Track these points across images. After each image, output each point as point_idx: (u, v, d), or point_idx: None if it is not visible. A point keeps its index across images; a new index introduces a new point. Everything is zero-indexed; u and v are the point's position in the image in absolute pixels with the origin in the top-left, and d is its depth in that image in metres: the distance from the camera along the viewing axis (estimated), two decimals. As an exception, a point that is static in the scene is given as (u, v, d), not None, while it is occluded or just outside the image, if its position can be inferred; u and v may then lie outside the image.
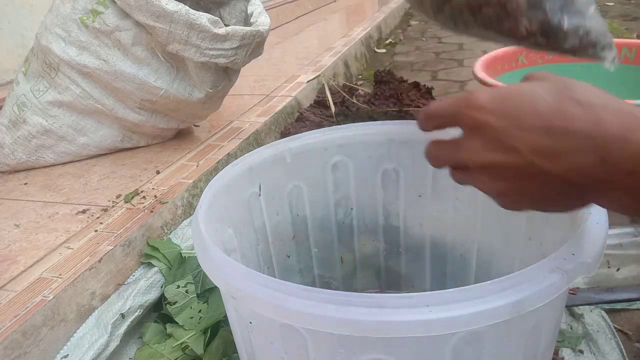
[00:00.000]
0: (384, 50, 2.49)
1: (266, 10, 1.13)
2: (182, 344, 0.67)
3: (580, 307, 0.71)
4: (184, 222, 0.88)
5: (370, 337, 0.35)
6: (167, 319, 0.71)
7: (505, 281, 0.34)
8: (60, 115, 1.03)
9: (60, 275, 0.68)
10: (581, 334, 0.68)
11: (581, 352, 0.65)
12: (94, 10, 0.94)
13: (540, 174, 0.31)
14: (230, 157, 1.06)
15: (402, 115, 1.39)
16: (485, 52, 1.18)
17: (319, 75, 1.63)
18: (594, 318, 0.70)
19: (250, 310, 0.41)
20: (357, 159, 0.66)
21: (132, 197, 0.89)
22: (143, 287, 0.73)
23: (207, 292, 0.74)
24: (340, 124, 0.67)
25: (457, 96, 0.37)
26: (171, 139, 1.18)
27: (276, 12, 2.60)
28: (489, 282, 0.34)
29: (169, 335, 0.69)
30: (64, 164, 1.09)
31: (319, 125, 1.33)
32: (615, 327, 0.69)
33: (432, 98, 1.56)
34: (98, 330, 0.66)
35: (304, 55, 1.96)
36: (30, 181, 1.02)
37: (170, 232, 0.85)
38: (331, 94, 1.51)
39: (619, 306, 0.73)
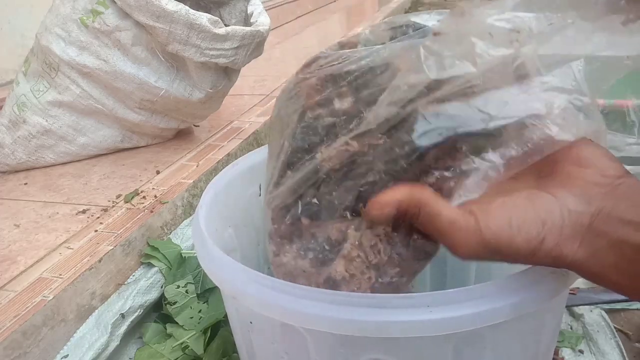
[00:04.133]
0: (383, 50, 2.49)
1: (266, 10, 1.13)
2: (182, 344, 0.67)
3: (580, 307, 0.71)
4: (184, 222, 0.88)
5: (370, 337, 0.35)
6: (167, 319, 0.71)
7: (505, 282, 0.34)
8: (60, 115, 1.03)
9: (60, 275, 0.68)
10: (581, 334, 0.68)
11: (581, 352, 0.65)
12: (94, 10, 0.94)
13: None
14: (230, 157, 1.06)
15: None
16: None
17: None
18: (594, 318, 0.70)
19: (250, 310, 0.41)
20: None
21: (132, 197, 0.89)
22: (143, 287, 0.73)
23: (207, 292, 0.74)
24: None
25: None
26: (171, 139, 1.18)
27: (276, 12, 2.60)
28: (489, 282, 0.34)
29: (169, 335, 0.69)
30: (64, 164, 1.09)
31: (319, 125, 1.32)
32: (615, 327, 0.69)
33: None
34: (98, 330, 0.66)
35: (304, 55, 1.95)
36: (30, 181, 1.02)
37: (170, 232, 0.85)
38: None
39: (619, 306, 0.73)
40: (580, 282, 0.74)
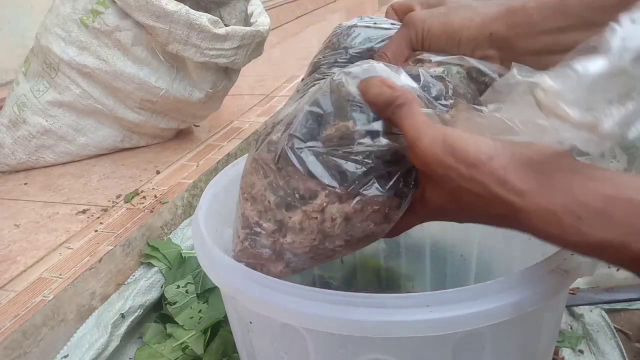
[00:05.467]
0: (384, 50, 2.48)
1: (266, 10, 1.12)
2: (182, 344, 0.67)
3: (580, 307, 0.71)
4: (184, 222, 0.88)
5: (370, 337, 0.35)
6: (167, 319, 0.71)
7: (505, 281, 0.34)
8: (60, 115, 1.03)
9: (60, 275, 0.68)
10: (581, 334, 0.68)
11: (581, 352, 0.65)
12: (94, 10, 0.94)
13: None
14: (230, 157, 1.06)
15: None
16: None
17: (319, 75, 1.63)
18: (594, 318, 0.70)
19: (250, 310, 0.41)
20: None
21: (132, 197, 0.89)
22: (143, 287, 0.73)
23: (207, 292, 0.74)
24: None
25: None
26: (171, 139, 1.18)
27: (276, 12, 2.59)
28: (489, 282, 0.34)
29: (169, 335, 0.69)
30: (64, 164, 1.09)
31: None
32: (615, 327, 0.69)
33: None
34: (98, 330, 0.66)
35: (304, 55, 1.96)
36: (30, 181, 1.02)
37: (170, 232, 0.85)
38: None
39: (619, 306, 0.73)
40: (580, 282, 0.74)
